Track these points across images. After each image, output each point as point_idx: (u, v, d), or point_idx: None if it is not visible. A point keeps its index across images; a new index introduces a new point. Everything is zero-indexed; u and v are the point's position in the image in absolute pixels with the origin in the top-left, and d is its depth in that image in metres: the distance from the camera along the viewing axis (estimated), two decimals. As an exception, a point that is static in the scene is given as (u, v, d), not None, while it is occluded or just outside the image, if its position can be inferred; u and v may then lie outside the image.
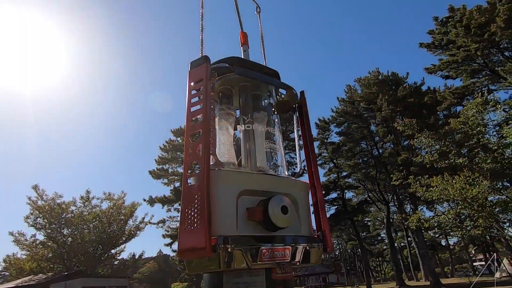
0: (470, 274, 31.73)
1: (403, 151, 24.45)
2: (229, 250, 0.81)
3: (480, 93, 12.24)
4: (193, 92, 1.00)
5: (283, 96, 1.35)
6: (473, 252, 44.38)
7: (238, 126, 1.19)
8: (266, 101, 1.35)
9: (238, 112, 1.28)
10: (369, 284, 26.81)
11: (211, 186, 0.87)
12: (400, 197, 27.24)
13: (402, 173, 19.13)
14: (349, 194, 32.41)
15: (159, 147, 28.06)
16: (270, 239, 0.91)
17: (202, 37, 1.26)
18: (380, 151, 28.02)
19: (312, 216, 1.14)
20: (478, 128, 11.55)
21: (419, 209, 22.89)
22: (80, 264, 25.15)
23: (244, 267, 0.83)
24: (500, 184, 12.04)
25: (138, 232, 27.79)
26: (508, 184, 13.04)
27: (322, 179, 29.36)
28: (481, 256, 41.18)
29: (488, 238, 24.56)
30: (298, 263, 0.94)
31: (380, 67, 46.42)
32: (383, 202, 27.51)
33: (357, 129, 28.21)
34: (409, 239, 36.00)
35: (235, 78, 1.20)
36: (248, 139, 1.13)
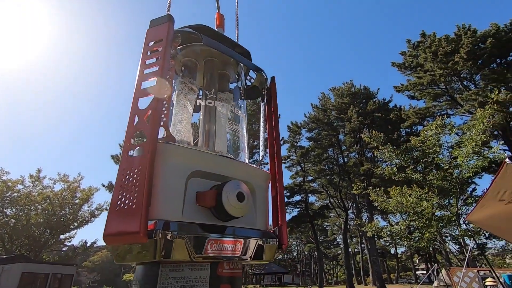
0: (412, 281, 34.21)
1: (366, 162, 25.63)
2: (169, 237, 0.68)
3: (439, 116, 13.18)
4: (149, 53, 0.86)
5: (252, 80, 1.25)
6: (417, 261, 47.83)
7: (199, 101, 1.06)
8: (233, 84, 1.24)
9: (201, 92, 1.15)
10: (321, 285, 27.80)
11: (157, 161, 0.74)
12: (359, 205, 28.56)
13: (363, 183, 20.06)
14: (312, 198, 33.39)
15: (125, 131, 26.63)
16: (221, 230, 0.80)
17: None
18: (346, 159, 29.14)
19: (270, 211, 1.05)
20: (434, 148, 12.40)
21: (375, 218, 24.19)
22: (23, 248, 23.13)
23: (185, 259, 0.71)
24: (446, 201, 13.03)
25: (92, 218, 26.21)
26: (453, 202, 14.17)
27: (288, 181, 29.94)
28: (423, 266, 44.51)
29: (431, 249, 26.62)
30: (249, 259, 0.84)
31: (354, 80, 48.36)
32: (343, 209, 28.66)
33: (326, 136, 29.07)
34: (362, 245, 37.89)
35: (202, 51, 1.07)
36: (208, 118, 1.00)
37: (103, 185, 25.20)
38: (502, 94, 17.02)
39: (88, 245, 30.29)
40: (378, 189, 14.72)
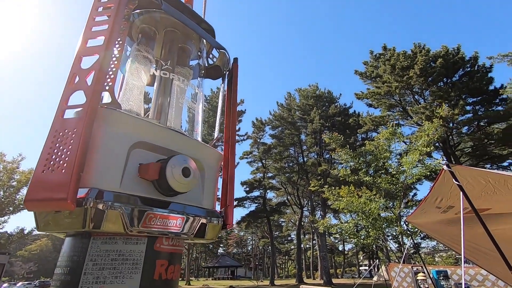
0: (356, 276, 36.83)
1: (324, 162, 26.84)
2: (101, 207, 0.63)
3: (391, 125, 14.25)
4: (100, 9, 0.78)
5: (215, 59, 1.21)
6: (361, 258, 51.58)
7: (153, 71, 1.00)
8: (195, 61, 1.20)
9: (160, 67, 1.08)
10: (272, 279, 28.64)
11: (97, 126, 0.67)
12: (314, 203, 29.87)
13: (319, 182, 20.98)
14: (270, 194, 34.07)
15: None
16: (164, 205, 0.76)
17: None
18: (305, 159, 30.20)
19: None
20: (385, 154, 13.40)
21: (327, 216, 25.49)
22: None
23: (119, 231, 0.67)
24: (391, 203, 14.20)
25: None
26: (396, 204, 15.50)
27: (249, 176, 30.19)
28: (366, 262, 48.15)
29: (375, 247, 28.86)
30: (191, 236, 0.81)
31: (319, 83, 50.16)
32: (299, 206, 29.74)
33: (289, 135, 29.81)
34: (314, 241, 39.73)
35: (162, 19, 1.01)
36: (163, 90, 0.95)
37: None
38: (445, 110, 18.96)
39: (26, 232, 27.56)
40: (333, 188, 15.50)
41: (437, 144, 21.05)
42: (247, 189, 29.79)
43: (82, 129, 0.64)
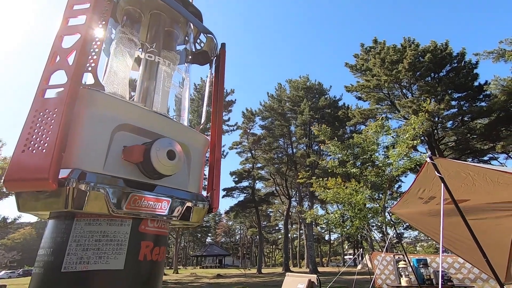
0: (341, 265, 37.97)
1: (313, 154, 27.15)
2: (84, 188, 0.63)
3: (380, 118, 14.49)
4: (82, -14, 0.76)
5: (202, 44, 1.20)
6: (346, 247, 53.09)
7: (138, 53, 0.98)
8: (182, 46, 1.18)
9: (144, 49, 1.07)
10: (259, 268, 29.20)
11: (80, 107, 0.67)
12: (302, 194, 30.33)
13: (308, 173, 21.26)
14: (259, 185, 34.34)
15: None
16: (149, 187, 0.76)
17: None
18: (294, 150, 30.46)
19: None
20: (372, 146, 13.66)
21: (314, 206, 26.01)
22: None
23: (103, 212, 0.67)
24: (376, 195, 14.57)
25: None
26: (382, 196, 15.94)
27: (238, 167, 30.29)
28: (351, 251, 49.62)
29: (360, 237, 29.69)
30: (176, 219, 0.82)
31: (310, 74, 50.22)
32: (287, 197, 30.16)
33: (279, 126, 29.90)
34: (301, 231, 40.54)
35: (148, 1, 0.99)
36: (148, 74, 0.94)
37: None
38: (431, 104, 19.40)
39: (9, 221, 26.90)
40: (321, 179, 15.75)
41: (422, 138, 21.58)
42: (236, 179, 29.91)
43: (63, 108, 0.63)
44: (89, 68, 0.72)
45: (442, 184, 3.14)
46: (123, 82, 0.92)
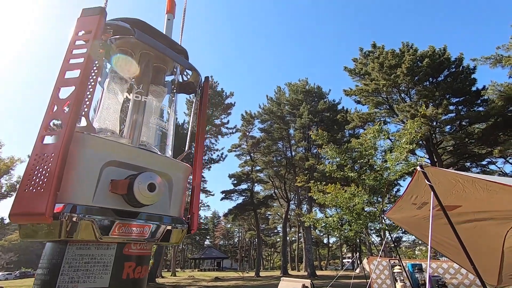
0: (339, 268, 37.96)
1: (311, 157, 27.27)
2: (75, 219, 0.75)
3: (378, 122, 14.61)
4: (78, 42, 0.88)
5: (189, 76, 1.32)
6: (345, 251, 53.08)
7: (126, 94, 1.11)
8: (171, 76, 1.30)
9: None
10: (258, 271, 29.22)
11: (73, 149, 0.79)
12: (301, 197, 30.42)
13: (306, 177, 21.37)
14: (257, 188, 34.45)
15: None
16: (132, 215, 0.88)
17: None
18: (293, 153, 30.59)
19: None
20: (370, 151, 13.77)
21: (313, 209, 26.07)
22: None
23: (91, 239, 0.79)
24: (374, 199, 14.67)
25: (13, 192, 23.33)
26: (380, 200, 16.03)
27: (237, 169, 30.38)
28: (350, 255, 49.61)
29: (358, 240, 29.71)
30: (156, 241, 0.94)
31: (309, 77, 50.35)
32: (286, 200, 30.24)
33: (278, 129, 30.06)
34: (299, 234, 40.57)
35: (138, 43, 1.11)
36: (136, 110, 1.06)
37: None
38: (429, 109, 19.53)
39: (6, 222, 26.97)
40: (319, 183, 15.82)
41: (420, 142, 21.69)
42: (235, 182, 30.02)
43: (59, 153, 0.75)
44: (83, 113, 0.85)
45: (431, 192, 3.25)
46: (114, 116, 1.04)
